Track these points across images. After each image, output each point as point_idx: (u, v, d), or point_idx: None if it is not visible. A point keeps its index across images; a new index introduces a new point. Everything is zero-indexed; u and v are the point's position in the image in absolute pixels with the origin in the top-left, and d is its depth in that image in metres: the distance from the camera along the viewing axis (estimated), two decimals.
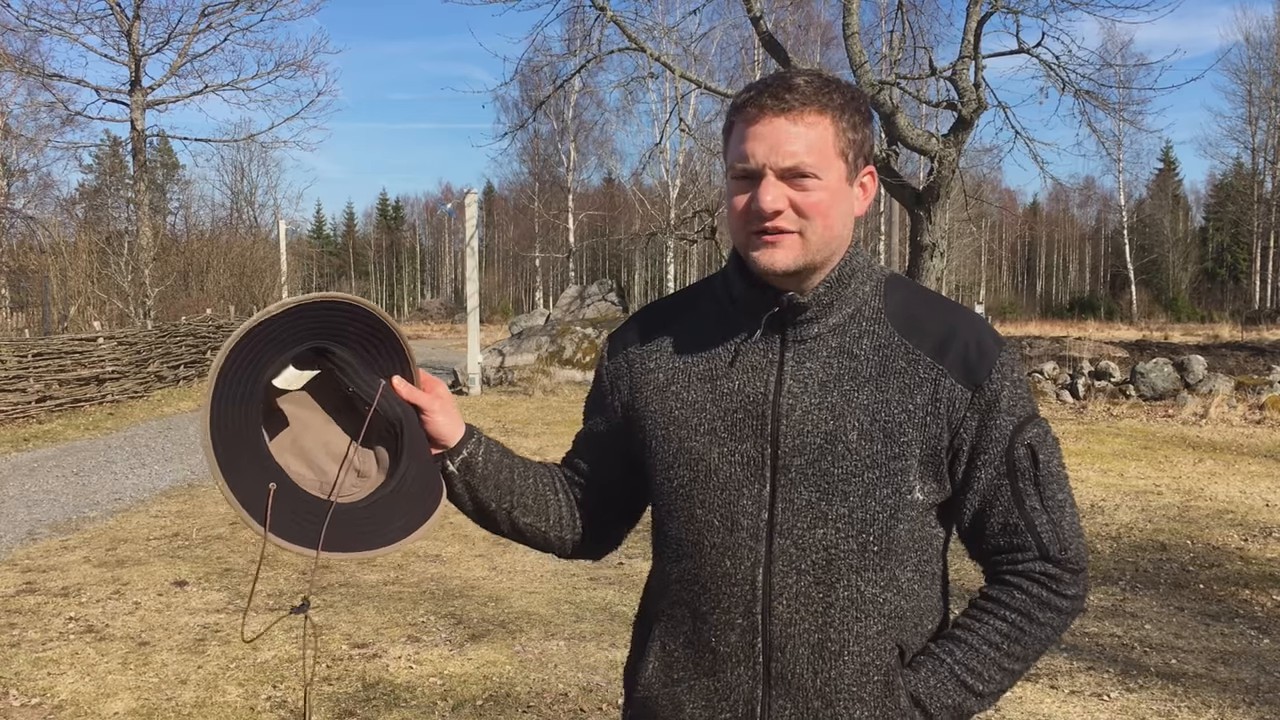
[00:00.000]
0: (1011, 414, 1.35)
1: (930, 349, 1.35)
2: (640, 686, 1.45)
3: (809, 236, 1.31)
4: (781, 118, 1.29)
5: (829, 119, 1.31)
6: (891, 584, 1.34)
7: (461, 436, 1.46)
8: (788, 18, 26.40)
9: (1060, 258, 70.01)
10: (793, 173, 1.29)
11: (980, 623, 1.36)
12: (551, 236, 48.13)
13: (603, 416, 1.52)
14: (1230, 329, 30.02)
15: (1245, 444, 10.90)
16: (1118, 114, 15.92)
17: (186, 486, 8.87)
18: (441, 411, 1.44)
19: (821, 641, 1.32)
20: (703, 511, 1.37)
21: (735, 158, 1.32)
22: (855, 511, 1.31)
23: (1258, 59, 50.08)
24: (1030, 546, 1.36)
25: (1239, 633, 5.03)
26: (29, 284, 20.70)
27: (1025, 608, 1.35)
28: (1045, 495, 1.35)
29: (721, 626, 1.36)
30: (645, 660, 1.44)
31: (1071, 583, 1.36)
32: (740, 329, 1.39)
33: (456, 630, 5.02)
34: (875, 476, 1.31)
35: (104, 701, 4.16)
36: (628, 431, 1.48)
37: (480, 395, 16.49)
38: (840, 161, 1.32)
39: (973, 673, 1.34)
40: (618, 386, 1.49)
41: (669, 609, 1.42)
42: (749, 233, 1.33)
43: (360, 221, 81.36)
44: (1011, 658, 1.35)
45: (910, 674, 1.35)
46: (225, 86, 25.50)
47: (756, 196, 1.30)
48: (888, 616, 1.34)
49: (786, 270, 1.32)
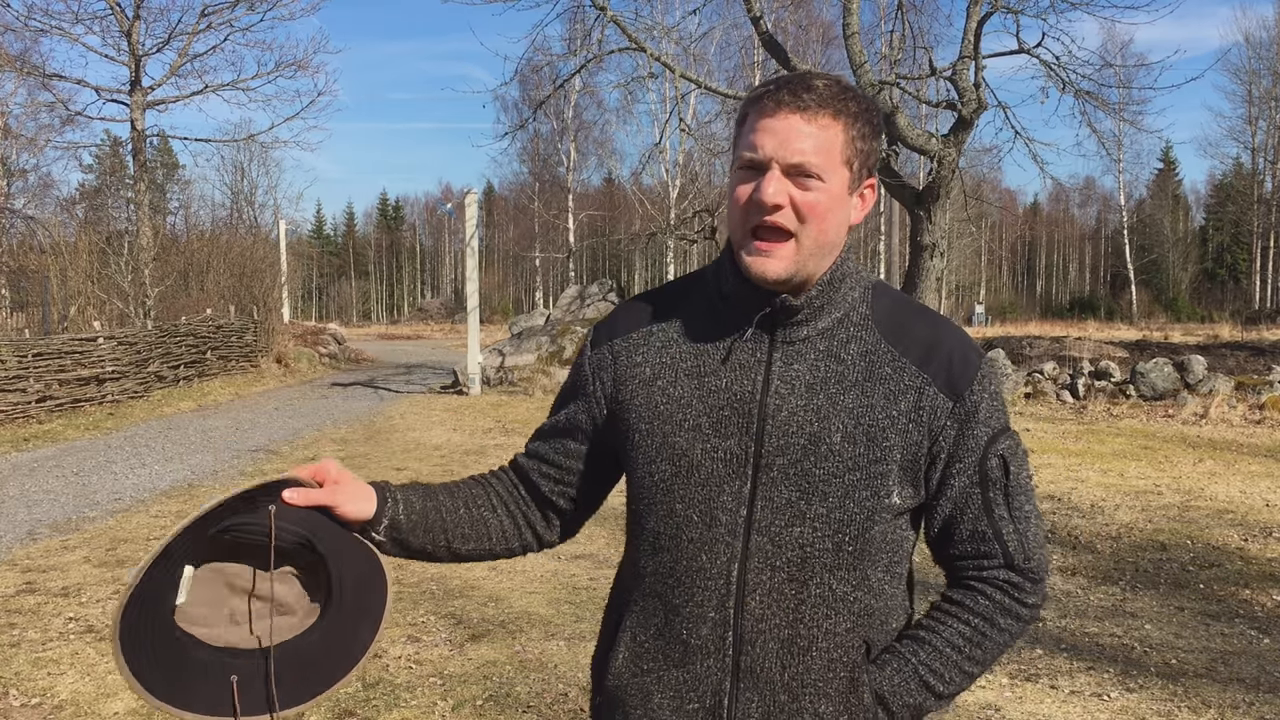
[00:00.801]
0: (988, 425, 1.37)
1: (915, 357, 1.37)
2: (610, 675, 1.46)
3: (803, 241, 1.33)
4: (796, 115, 1.30)
5: (842, 125, 1.32)
6: (863, 583, 1.36)
7: (376, 504, 1.45)
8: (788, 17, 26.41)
9: (1060, 258, 70.02)
10: (798, 170, 1.30)
11: (944, 625, 1.39)
12: (551, 236, 48.13)
13: (581, 406, 1.51)
14: (1230, 329, 29.99)
15: (1245, 444, 10.90)
16: (1118, 114, 15.93)
17: (186, 486, 8.87)
18: (346, 497, 1.41)
19: (791, 637, 1.34)
20: (682, 506, 1.38)
21: (744, 147, 1.33)
22: (833, 512, 1.33)
23: (1258, 59, 50.12)
24: (996, 554, 1.38)
25: (1239, 633, 5.03)
26: (29, 284, 20.69)
27: (988, 613, 1.38)
28: (1013, 506, 1.38)
29: (694, 620, 1.37)
30: (615, 650, 1.45)
31: (1032, 591, 1.39)
32: (731, 327, 1.40)
33: (456, 630, 5.02)
34: (856, 479, 1.33)
35: (104, 701, 4.16)
36: (607, 423, 1.49)
37: (480, 395, 16.49)
38: (845, 169, 1.34)
39: (935, 674, 1.37)
40: (600, 377, 1.49)
41: (641, 600, 1.43)
42: (746, 230, 1.34)
43: (360, 221, 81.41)
44: (972, 661, 1.39)
45: (875, 671, 1.37)
46: (225, 86, 25.49)
47: (760, 187, 1.31)
48: (857, 614, 1.36)
49: (777, 279, 1.34)
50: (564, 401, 1.56)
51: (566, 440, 1.54)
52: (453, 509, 1.52)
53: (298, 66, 26.23)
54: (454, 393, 16.93)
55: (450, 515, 1.51)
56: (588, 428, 1.51)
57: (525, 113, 24.44)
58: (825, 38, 33.97)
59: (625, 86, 20.79)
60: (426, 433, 12.19)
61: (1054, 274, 69.90)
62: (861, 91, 1.38)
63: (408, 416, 13.86)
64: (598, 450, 1.52)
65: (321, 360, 22.82)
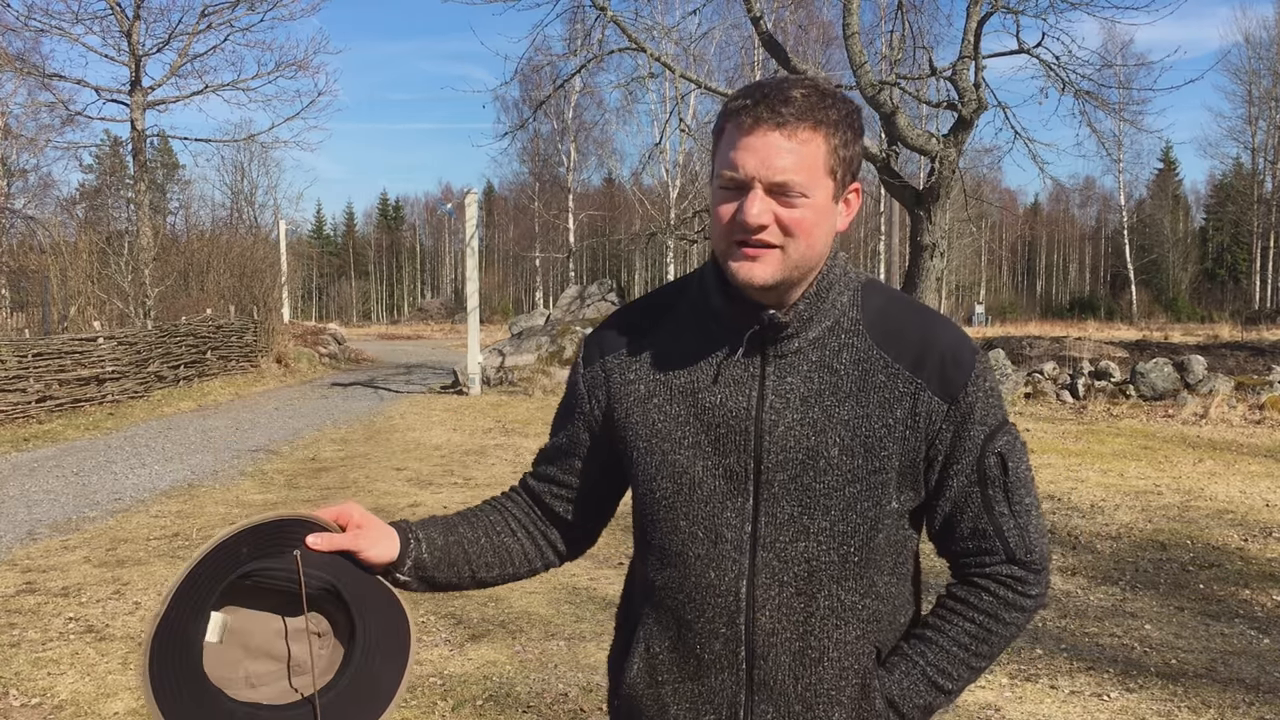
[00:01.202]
0: (984, 424, 1.37)
1: (909, 362, 1.36)
2: (626, 685, 1.47)
3: (790, 252, 1.31)
4: (776, 132, 1.27)
5: (823, 136, 1.29)
6: (870, 590, 1.37)
7: (399, 546, 1.44)
8: (788, 17, 26.37)
9: (1060, 258, 70.01)
10: (781, 189, 1.28)
11: (949, 624, 1.40)
12: (551, 236, 48.12)
13: (580, 424, 1.51)
14: (1230, 329, 29.99)
15: (1245, 444, 10.90)
16: (1118, 114, 15.93)
17: (186, 486, 8.87)
18: (369, 541, 1.40)
19: (803, 649, 1.35)
20: (686, 523, 1.38)
21: (724, 165, 1.31)
22: (836, 525, 1.33)
23: (1258, 59, 50.12)
24: (998, 550, 1.39)
25: (1239, 633, 5.03)
26: (29, 284, 20.69)
27: (992, 609, 1.39)
28: (1013, 501, 1.39)
29: (705, 635, 1.38)
30: (631, 660, 1.46)
31: (1035, 583, 1.40)
32: (720, 343, 1.39)
33: (456, 630, 5.02)
34: (856, 490, 1.33)
35: (104, 701, 4.16)
36: (606, 439, 1.49)
37: (480, 395, 16.49)
38: (829, 179, 1.31)
39: (943, 673, 1.38)
40: (595, 394, 1.48)
41: (654, 613, 1.43)
42: (731, 242, 1.32)
43: (360, 221, 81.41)
44: (978, 656, 1.40)
45: (885, 675, 1.39)
46: (225, 86, 25.46)
47: (743, 208, 1.28)
48: (866, 621, 1.37)
49: (764, 285, 1.32)
50: (563, 421, 1.55)
51: (572, 459, 1.54)
52: (474, 539, 1.52)
53: (298, 66, 26.22)
54: (454, 393, 16.93)
55: (472, 546, 1.51)
56: (590, 444, 1.51)
57: (525, 113, 24.46)
58: (825, 38, 33.95)
59: (625, 86, 20.80)
60: (426, 433, 12.19)
61: (1054, 274, 69.90)
62: (841, 94, 1.35)
63: (408, 416, 13.86)
64: (604, 464, 1.51)
65: (321, 360, 22.82)
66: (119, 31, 24.01)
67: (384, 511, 7.75)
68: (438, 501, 8.08)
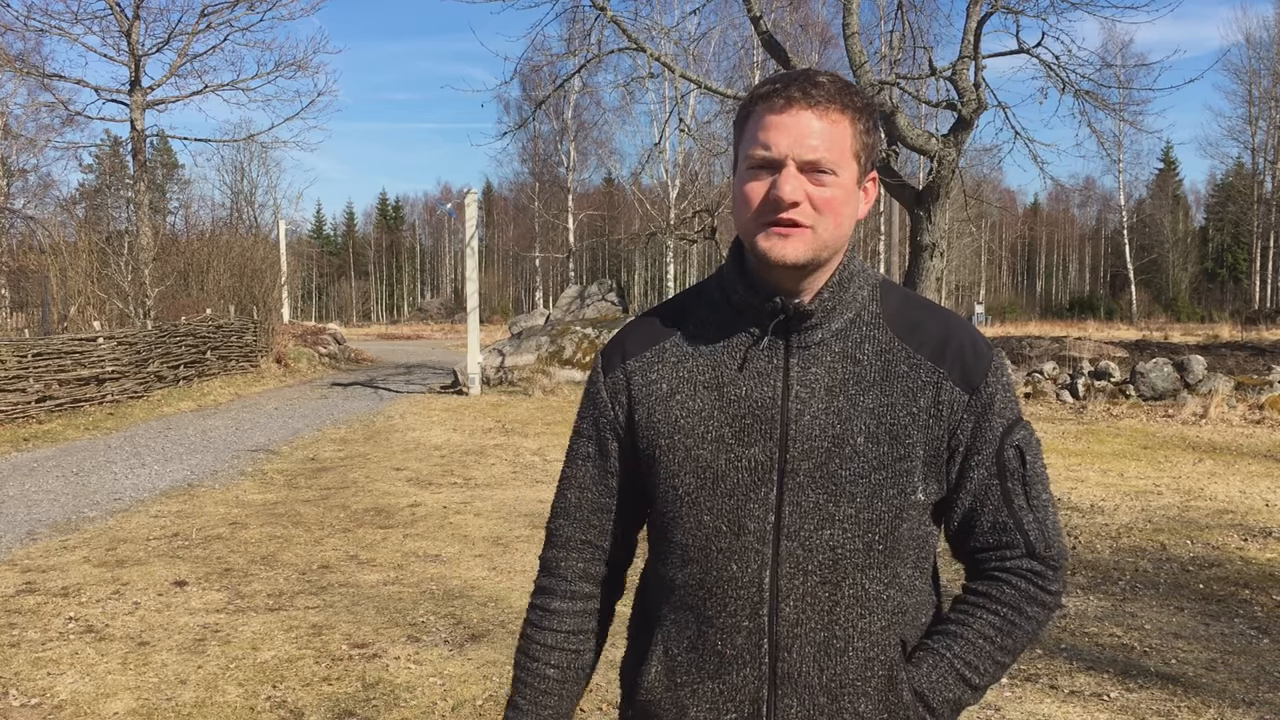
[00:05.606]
0: (1002, 416, 1.39)
1: (930, 353, 1.38)
2: (642, 690, 1.45)
3: (820, 232, 1.33)
4: (808, 111, 1.30)
5: (849, 119, 1.33)
6: (894, 581, 1.37)
7: None
8: (787, 17, 26.37)
9: (1060, 258, 70.03)
10: (813, 167, 1.31)
11: (974, 618, 1.40)
12: (551, 236, 48.12)
13: (608, 434, 1.49)
14: (1230, 329, 30.01)
15: (1245, 444, 10.90)
16: (1118, 114, 15.92)
17: (186, 486, 8.87)
18: None
19: (828, 639, 1.34)
20: (710, 517, 1.37)
21: (755, 145, 1.32)
22: (862, 512, 1.33)
23: (1258, 59, 50.15)
24: (1018, 544, 1.39)
25: (1239, 633, 5.03)
26: (29, 284, 20.69)
27: (1015, 602, 1.39)
28: (1031, 495, 1.40)
29: (727, 630, 1.37)
30: (648, 665, 1.45)
31: (1054, 579, 1.41)
32: (744, 335, 1.40)
33: (456, 630, 5.02)
34: (881, 478, 1.34)
35: (104, 701, 4.16)
36: (630, 444, 1.48)
37: (480, 395, 16.49)
38: (854, 163, 1.34)
39: (970, 666, 1.38)
40: (618, 399, 1.47)
41: (672, 614, 1.43)
42: (761, 223, 1.33)
43: (360, 221, 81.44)
44: (1004, 650, 1.39)
45: (912, 669, 1.38)
46: (225, 86, 25.45)
47: (776, 185, 1.30)
48: (891, 612, 1.37)
49: (796, 262, 1.33)
50: (585, 436, 1.52)
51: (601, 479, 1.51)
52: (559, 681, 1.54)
53: (297, 66, 26.19)
54: (454, 393, 16.92)
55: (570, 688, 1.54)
56: (614, 455, 1.49)
57: (525, 112, 24.44)
58: (824, 37, 33.97)
59: (625, 86, 20.82)
60: (426, 432, 12.19)
61: (1054, 274, 69.91)
62: (860, 87, 1.39)
63: (407, 416, 13.86)
64: (628, 475, 1.49)
65: (321, 360, 22.81)
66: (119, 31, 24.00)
67: (384, 511, 7.75)
68: (437, 501, 8.08)
